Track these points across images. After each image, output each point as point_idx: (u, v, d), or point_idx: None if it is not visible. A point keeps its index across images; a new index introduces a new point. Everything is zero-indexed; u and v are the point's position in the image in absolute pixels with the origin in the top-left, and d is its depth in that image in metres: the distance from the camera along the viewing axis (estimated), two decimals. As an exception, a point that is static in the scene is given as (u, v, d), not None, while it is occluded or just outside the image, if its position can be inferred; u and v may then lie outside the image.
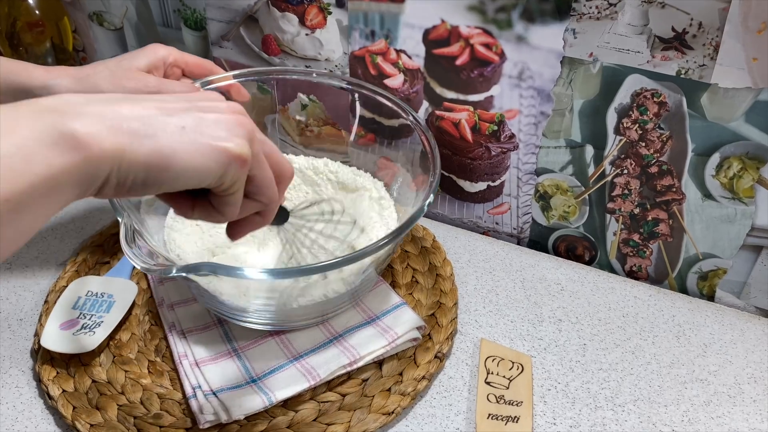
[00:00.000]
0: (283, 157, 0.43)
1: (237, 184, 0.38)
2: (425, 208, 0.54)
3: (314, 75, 0.70)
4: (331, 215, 0.64)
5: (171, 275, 0.45)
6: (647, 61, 0.61)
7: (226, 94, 0.65)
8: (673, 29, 0.58)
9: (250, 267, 0.47)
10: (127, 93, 0.52)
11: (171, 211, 0.65)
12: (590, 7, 0.60)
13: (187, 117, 0.36)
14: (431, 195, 0.55)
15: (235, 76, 0.66)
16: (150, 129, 0.34)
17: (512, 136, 0.71)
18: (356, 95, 0.70)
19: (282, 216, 0.53)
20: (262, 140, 0.41)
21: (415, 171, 0.66)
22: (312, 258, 0.58)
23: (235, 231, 0.44)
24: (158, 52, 0.59)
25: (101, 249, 0.72)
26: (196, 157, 0.35)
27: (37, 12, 0.85)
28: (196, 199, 0.40)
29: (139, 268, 0.46)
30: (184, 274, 0.45)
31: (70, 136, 0.31)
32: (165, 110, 0.36)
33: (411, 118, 0.64)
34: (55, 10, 0.88)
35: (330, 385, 0.57)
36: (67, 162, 0.31)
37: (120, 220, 0.50)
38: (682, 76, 0.60)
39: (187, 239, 0.63)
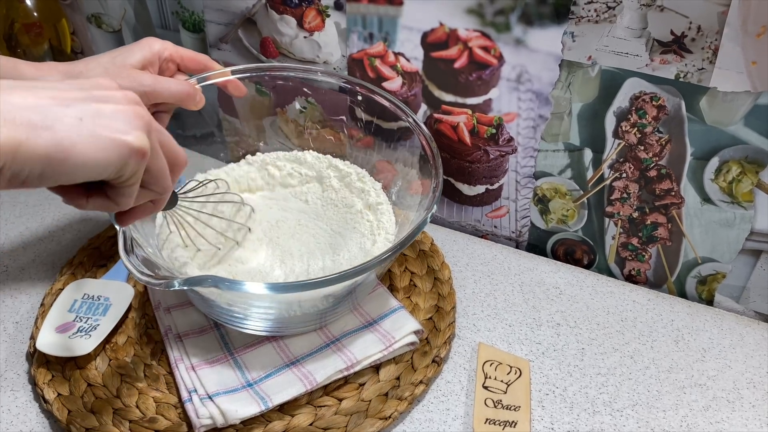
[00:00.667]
0: (177, 145, 0.42)
1: (135, 176, 0.38)
2: (428, 219, 0.54)
3: (319, 74, 0.70)
4: (217, 194, 0.64)
5: (174, 288, 0.45)
6: (646, 65, 0.60)
7: (224, 89, 0.64)
8: (671, 33, 0.58)
9: (252, 282, 0.47)
10: None
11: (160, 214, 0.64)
12: (589, 11, 0.60)
13: (84, 108, 0.35)
14: (434, 205, 0.55)
15: (233, 72, 0.65)
16: (47, 120, 0.33)
17: (511, 139, 0.71)
18: (356, 96, 0.70)
19: (171, 200, 0.54)
20: (158, 129, 0.40)
21: (414, 174, 0.65)
22: (200, 240, 0.60)
23: (125, 218, 0.44)
24: (153, 47, 0.57)
25: (98, 252, 0.71)
26: (95, 150, 0.34)
27: (35, 14, 0.85)
28: (91, 190, 0.40)
29: (141, 281, 0.45)
30: (186, 288, 0.45)
31: None
32: (61, 100, 0.35)
33: (411, 120, 0.64)
34: (53, 12, 0.87)
35: (327, 389, 0.57)
36: None
37: (119, 229, 0.49)
38: (681, 79, 0.60)
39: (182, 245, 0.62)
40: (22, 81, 0.35)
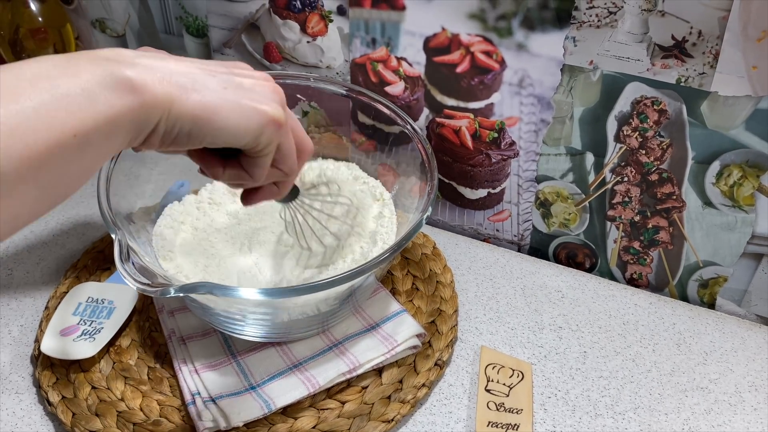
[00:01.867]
0: (304, 132, 0.46)
1: (270, 146, 0.41)
2: (423, 222, 0.54)
3: (311, 80, 0.70)
4: (331, 196, 0.65)
5: (169, 296, 0.45)
6: (647, 69, 0.61)
7: None
8: (672, 37, 0.58)
9: (246, 288, 0.47)
10: None
11: (160, 219, 0.64)
12: (590, 15, 0.60)
13: (227, 79, 0.38)
14: (429, 208, 0.55)
15: None
16: (196, 85, 0.36)
17: (513, 143, 0.71)
18: (356, 102, 0.70)
19: (292, 193, 0.55)
20: (290, 113, 0.43)
21: (415, 178, 0.66)
22: (313, 240, 0.61)
23: (250, 198, 0.47)
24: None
25: (102, 255, 0.72)
26: (237, 115, 0.37)
27: (40, 19, 0.86)
28: (227, 161, 0.43)
29: (135, 288, 0.45)
30: (181, 294, 0.45)
31: (127, 81, 0.33)
32: (207, 71, 0.38)
33: (409, 127, 0.64)
34: (57, 17, 0.88)
35: (329, 392, 0.57)
36: (126, 104, 0.33)
37: (114, 237, 0.49)
38: (682, 84, 0.60)
39: (178, 249, 0.62)
40: (170, 54, 0.38)
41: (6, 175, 0.28)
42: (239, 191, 0.48)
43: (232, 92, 0.38)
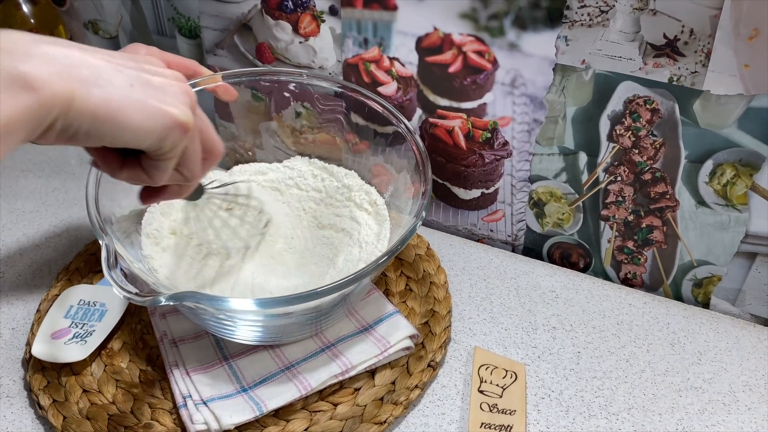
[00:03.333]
0: (216, 134, 0.43)
1: (174, 150, 0.38)
2: (416, 228, 0.54)
3: (304, 76, 0.69)
4: (241, 198, 0.63)
5: (158, 305, 0.44)
6: (639, 68, 0.60)
7: (214, 94, 0.64)
8: (664, 36, 0.58)
9: (237, 299, 0.46)
10: None
11: (146, 220, 0.64)
12: (582, 15, 0.60)
13: (135, 75, 0.36)
14: (423, 212, 0.55)
15: (224, 77, 0.65)
16: (100, 80, 0.34)
17: (506, 143, 0.71)
18: (350, 100, 0.70)
19: (197, 191, 0.53)
20: (200, 114, 0.41)
21: (410, 178, 0.65)
22: (220, 240, 0.60)
23: (149, 196, 0.45)
24: (138, 52, 0.57)
25: (94, 258, 0.71)
26: (142, 116, 0.35)
27: (32, 20, 0.85)
28: (126, 159, 0.40)
29: (122, 296, 0.45)
30: (171, 303, 0.45)
31: (22, 78, 0.31)
32: (114, 65, 0.36)
33: (402, 126, 0.64)
34: (50, 18, 0.88)
35: (322, 394, 0.57)
36: (21, 104, 0.31)
37: (102, 242, 0.49)
38: (675, 83, 0.60)
39: (167, 254, 0.62)
40: (75, 43, 0.36)
41: None
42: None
43: (138, 90, 0.35)
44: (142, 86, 0.36)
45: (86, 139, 0.35)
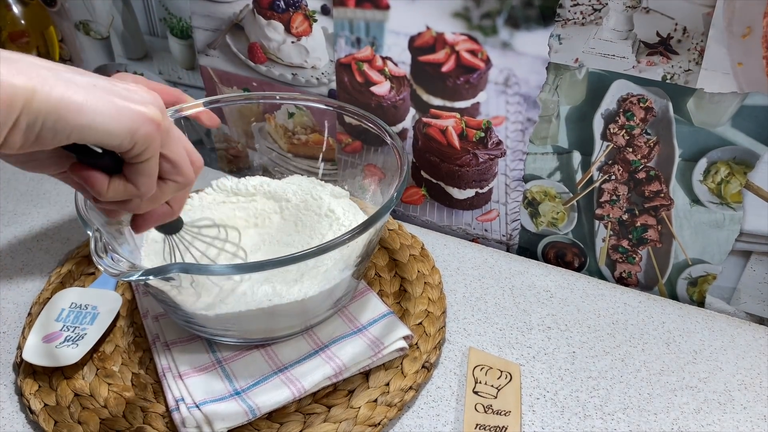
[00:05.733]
0: (192, 146, 0.43)
1: (150, 148, 0.38)
2: (392, 204, 0.53)
3: (277, 97, 0.70)
4: (219, 240, 0.63)
5: (134, 278, 0.44)
6: (633, 67, 0.60)
7: (197, 121, 0.65)
8: (657, 34, 0.58)
9: (220, 265, 0.46)
10: None
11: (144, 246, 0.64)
12: (575, 13, 0.60)
13: (98, 80, 0.36)
14: (395, 197, 0.55)
15: (205, 104, 0.66)
16: (61, 78, 0.34)
17: (499, 142, 0.71)
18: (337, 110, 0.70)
19: (177, 224, 0.53)
20: (173, 125, 0.40)
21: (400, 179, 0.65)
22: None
23: (141, 223, 0.45)
24: (125, 80, 0.57)
25: (86, 260, 0.71)
26: (108, 110, 0.35)
27: (22, 22, 0.85)
28: (112, 177, 0.40)
29: (111, 273, 0.45)
30: (151, 278, 0.44)
31: None
32: (75, 71, 0.36)
33: (388, 137, 0.63)
34: (40, 19, 0.87)
35: (315, 396, 0.56)
36: None
37: (90, 233, 0.48)
38: (668, 81, 0.60)
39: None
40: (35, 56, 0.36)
41: None
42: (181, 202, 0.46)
43: (102, 91, 0.35)
44: (104, 87, 0.36)
45: (53, 137, 0.34)
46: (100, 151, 0.38)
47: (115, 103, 0.35)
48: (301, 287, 0.55)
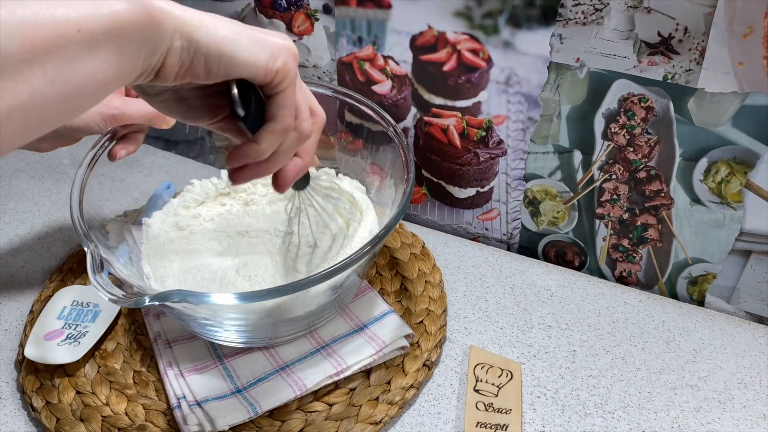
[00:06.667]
0: (315, 100, 0.46)
1: (288, 78, 0.40)
2: (399, 217, 0.53)
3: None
4: (334, 191, 0.66)
5: (143, 306, 0.44)
6: (634, 66, 0.60)
7: None
8: (659, 34, 0.58)
9: (220, 294, 0.46)
10: (89, 115, 0.53)
11: (148, 222, 0.64)
12: (576, 13, 0.60)
13: (235, 22, 0.39)
14: (405, 203, 0.54)
15: None
16: (205, 17, 0.36)
17: (500, 141, 0.71)
18: (344, 103, 0.70)
19: (305, 180, 0.55)
20: (300, 79, 0.43)
21: (400, 177, 0.65)
22: (312, 235, 0.62)
23: (281, 182, 0.47)
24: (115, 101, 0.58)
25: (87, 258, 0.71)
26: (251, 42, 0.38)
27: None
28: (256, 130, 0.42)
29: (107, 299, 0.45)
30: (156, 303, 0.44)
31: None
32: (214, 16, 0.38)
33: (392, 129, 0.63)
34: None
35: (317, 394, 0.57)
36: (130, 9, 0.32)
37: (87, 249, 0.49)
38: (669, 80, 0.60)
39: (169, 265, 0.62)
40: None
41: (7, 54, 0.28)
42: (225, 189, 0.47)
43: (242, 28, 0.38)
44: (244, 27, 0.38)
45: (205, 71, 0.37)
46: (242, 114, 0.40)
47: (257, 36, 0.38)
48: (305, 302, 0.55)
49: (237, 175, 0.44)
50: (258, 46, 0.38)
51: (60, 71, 0.30)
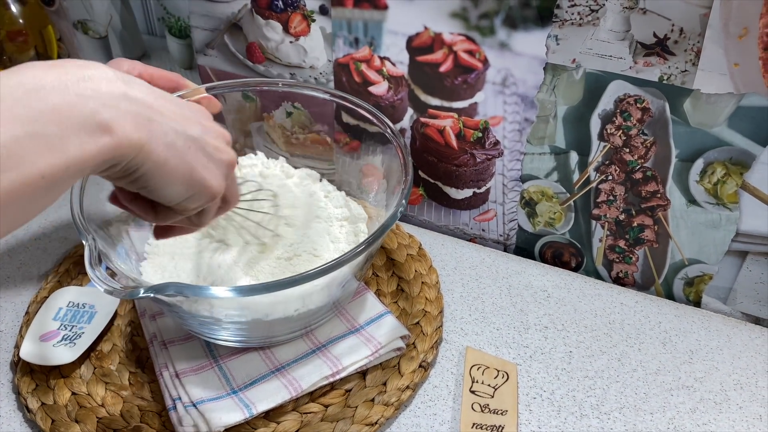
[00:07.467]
0: (237, 187, 0.48)
1: (195, 210, 0.43)
2: (397, 216, 0.53)
3: (280, 84, 0.69)
4: (252, 195, 0.66)
5: (138, 297, 0.44)
6: (630, 67, 0.60)
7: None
8: (654, 35, 0.58)
9: (217, 287, 0.46)
10: None
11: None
12: (572, 14, 0.60)
13: (197, 137, 0.40)
14: (403, 202, 0.54)
15: (207, 89, 0.65)
16: (167, 137, 0.37)
17: (497, 142, 0.71)
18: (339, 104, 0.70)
19: None
20: (233, 178, 0.46)
21: (397, 178, 0.65)
22: (242, 240, 0.62)
23: (162, 233, 0.49)
24: (121, 67, 0.57)
25: (83, 260, 0.71)
26: (185, 180, 0.39)
27: (20, 20, 0.85)
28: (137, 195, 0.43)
29: (102, 290, 0.45)
30: (152, 295, 0.44)
31: (105, 125, 0.33)
32: (184, 118, 0.39)
33: (389, 131, 0.63)
34: (38, 18, 0.87)
35: (313, 395, 0.57)
36: (98, 147, 0.33)
37: (85, 242, 0.49)
38: (665, 81, 0.60)
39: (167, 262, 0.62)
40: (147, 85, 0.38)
41: None
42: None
43: (192, 155, 0.39)
44: (196, 151, 0.39)
45: (132, 183, 0.37)
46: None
47: (195, 174, 0.39)
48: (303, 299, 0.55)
49: (161, 235, 0.49)
50: (184, 187, 0.39)
51: (14, 214, 0.31)
